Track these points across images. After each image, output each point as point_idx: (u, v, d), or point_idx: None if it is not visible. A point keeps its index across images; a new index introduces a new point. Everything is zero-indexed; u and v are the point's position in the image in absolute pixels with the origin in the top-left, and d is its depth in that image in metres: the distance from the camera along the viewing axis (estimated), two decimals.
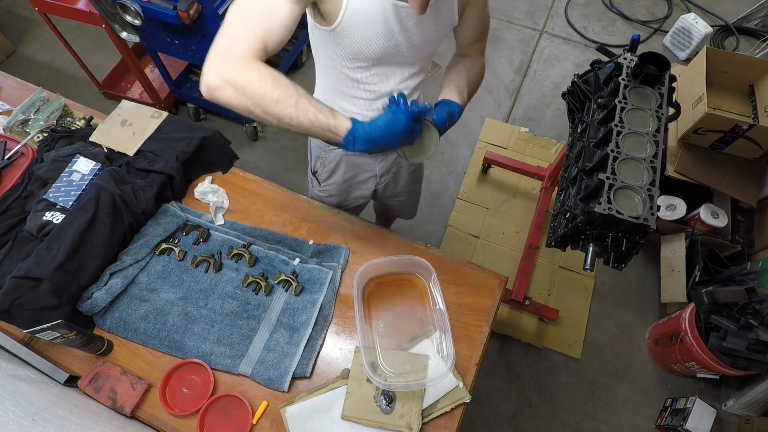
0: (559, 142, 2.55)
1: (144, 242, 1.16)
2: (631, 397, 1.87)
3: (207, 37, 1.91)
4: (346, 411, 0.98)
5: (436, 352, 1.05)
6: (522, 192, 2.36)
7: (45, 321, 0.88)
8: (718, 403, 1.82)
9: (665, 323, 1.88)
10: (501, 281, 1.18)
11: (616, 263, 1.21)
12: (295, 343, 1.07)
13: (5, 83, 1.52)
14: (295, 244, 1.23)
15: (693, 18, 2.79)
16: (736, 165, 1.92)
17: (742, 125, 1.74)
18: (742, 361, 1.59)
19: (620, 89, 1.28)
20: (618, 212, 1.05)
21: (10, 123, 1.38)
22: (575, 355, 1.95)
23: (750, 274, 1.79)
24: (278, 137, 2.54)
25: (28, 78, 1.57)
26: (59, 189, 1.17)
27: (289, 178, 2.39)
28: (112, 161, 1.28)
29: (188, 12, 1.71)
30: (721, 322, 1.61)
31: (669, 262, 1.99)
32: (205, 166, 1.35)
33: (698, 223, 1.94)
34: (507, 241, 2.22)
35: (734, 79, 2.02)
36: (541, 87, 2.76)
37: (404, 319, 1.11)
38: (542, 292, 2.08)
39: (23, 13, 3.04)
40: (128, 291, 1.12)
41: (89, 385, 1.00)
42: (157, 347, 1.07)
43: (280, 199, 1.31)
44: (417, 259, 1.09)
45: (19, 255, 1.09)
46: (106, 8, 1.85)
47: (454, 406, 1.01)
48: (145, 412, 1.01)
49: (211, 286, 1.15)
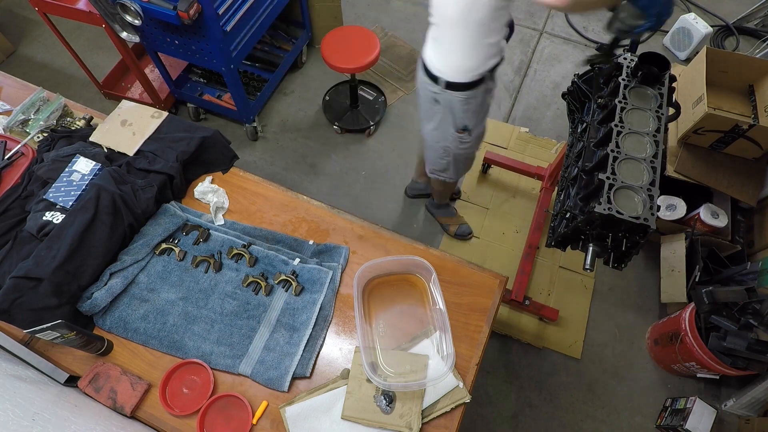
0: (559, 142, 2.55)
1: (144, 242, 1.16)
2: (631, 397, 1.87)
3: (207, 37, 1.91)
4: (346, 411, 0.98)
5: (436, 352, 1.05)
6: (522, 192, 2.36)
7: (45, 321, 0.88)
8: (718, 403, 1.82)
9: (665, 323, 1.88)
10: (501, 281, 1.18)
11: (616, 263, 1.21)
12: (295, 343, 1.07)
13: (5, 83, 1.52)
14: (295, 244, 1.23)
15: (693, 18, 2.79)
16: (736, 165, 1.92)
17: (742, 125, 1.74)
18: (742, 361, 1.59)
19: (620, 89, 1.28)
20: (618, 212, 1.05)
21: (10, 123, 1.38)
22: (575, 355, 1.95)
23: (750, 274, 1.79)
24: (278, 137, 2.54)
25: (28, 78, 1.57)
26: (59, 189, 1.17)
27: (289, 178, 2.39)
28: (112, 161, 1.28)
29: (188, 12, 1.71)
30: (721, 322, 1.61)
31: (669, 262, 1.99)
32: (205, 166, 1.35)
33: (698, 223, 1.94)
34: (507, 241, 2.21)
35: (734, 79, 2.02)
36: (541, 87, 2.76)
37: (404, 319, 1.11)
38: (542, 292, 2.08)
39: (23, 13, 3.05)
40: (128, 291, 1.12)
41: (89, 385, 1.01)
42: (157, 347, 1.07)
43: (280, 199, 1.31)
44: (417, 259, 1.09)
45: (19, 255, 1.09)
46: (106, 8, 1.85)
47: (454, 406, 1.01)
48: (145, 412, 1.01)
49: (211, 286, 1.15)
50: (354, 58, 2.13)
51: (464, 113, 1.39)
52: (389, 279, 1.16)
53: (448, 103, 1.37)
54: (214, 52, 1.98)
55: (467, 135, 1.48)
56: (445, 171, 1.71)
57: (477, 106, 1.39)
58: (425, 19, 1.30)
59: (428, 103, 1.44)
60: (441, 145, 1.56)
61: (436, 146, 1.59)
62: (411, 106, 2.66)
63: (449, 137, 1.50)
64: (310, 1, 2.59)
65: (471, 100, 1.36)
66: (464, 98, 1.34)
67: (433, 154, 1.65)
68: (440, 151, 1.60)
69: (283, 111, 2.64)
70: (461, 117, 1.41)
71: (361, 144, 2.52)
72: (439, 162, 1.67)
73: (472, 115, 1.41)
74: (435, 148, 1.60)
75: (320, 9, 2.65)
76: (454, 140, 1.51)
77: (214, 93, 2.51)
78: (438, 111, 1.43)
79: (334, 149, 2.50)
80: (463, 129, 1.45)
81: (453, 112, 1.40)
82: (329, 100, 2.62)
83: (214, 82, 2.55)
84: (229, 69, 2.06)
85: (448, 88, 1.32)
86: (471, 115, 1.41)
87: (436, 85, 1.34)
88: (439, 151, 1.60)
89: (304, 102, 2.68)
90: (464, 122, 1.42)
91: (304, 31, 2.69)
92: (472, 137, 1.51)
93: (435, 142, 1.57)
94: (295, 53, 2.63)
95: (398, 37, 2.94)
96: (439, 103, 1.39)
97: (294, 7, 2.57)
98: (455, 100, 1.35)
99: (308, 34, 2.73)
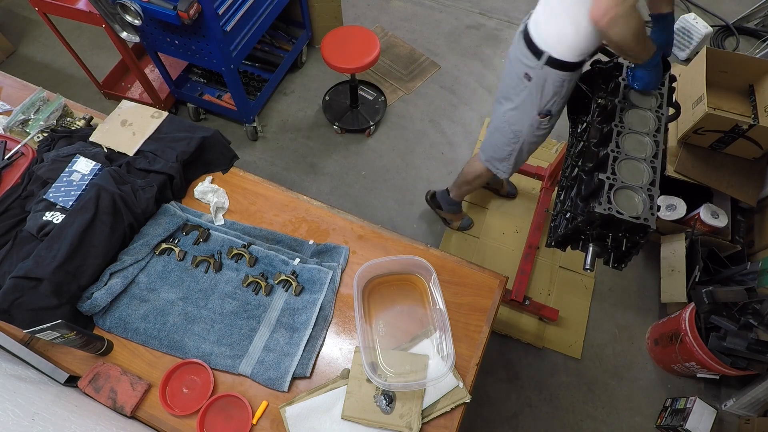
0: (559, 142, 2.55)
1: (144, 242, 1.16)
2: (631, 397, 1.87)
3: (207, 37, 1.91)
4: (346, 411, 0.98)
5: (436, 352, 1.05)
6: (522, 192, 2.36)
7: (45, 321, 0.88)
8: (718, 403, 1.82)
9: (665, 323, 1.88)
10: (501, 281, 1.18)
11: (616, 263, 1.21)
12: (295, 343, 1.07)
13: (5, 83, 1.52)
14: (295, 244, 1.23)
15: (693, 18, 2.79)
16: (736, 165, 1.92)
17: (742, 125, 1.74)
18: (742, 361, 1.59)
19: (620, 89, 1.28)
20: (618, 212, 1.05)
21: (10, 123, 1.38)
22: (575, 355, 1.95)
23: (750, 274, 1.79)
24: (278, 137, 2.54)
25: (28, 78, 1.57)
26: (59, 189, 1.17)
27: (289, 178, 2.39)
28: (112, 161, 1.28)
29: (188, 12, 1.71)
30: (721, 322, 1.61)
31: (669, 262, 1.99)
32: (205, 166, 1.35)
33: (698, 223, 1.94)
34: (507, 241, 2.22)
35: (734, 79, 2.02)
36: None
37: (404, 319, 1.11)
38: (542, 292, 2.08)
39: (23, 13, 3.05)
40: (128, 291, 1.12)
41: (89, 385, 1.01)
42: (157, 347, 1.07)
43: (280, 199, 1.31)
44: (417, 259, 1.09)
45: (19, 255, 1.09)
46: (106, 8, 1.85)
47: (454, 406, 1.01)
48: (145, 412, 1.01)
49: (211, 286, 1.15)
50: (354, 58, 2.13)
51: (553, 95, 1.35)
52: (389, 279, 1.16)
53: (542, 81, 1.32)
54: (214, 52, 1.98)
55: (547, 121, 1.43)
56: (504, 161, 1.63)
57: (567, 92, 1.36)
58: (425, 19, 1.30)
59: (517, 79, 1.38)
60: (514, 129, 1.49)
61: (507, 130, 1.51)
62: (411, 105, 2.66)
63: (527, 120, 1.44)
64: (310, 1, 2.59)
65: (565, 84, 1.32)
66: (561, 79, 1.30)
67: (500, 140, 1.56)
68: (510, 136, 1.52)
69: (283, 111, 2.64)
70: (549, 99, 1.36)
71: (361, 144, 2.52)
72: (503, 149, 1.59)
73: (560, 100, 1.37)
74: (505, 132, 1.52)
75: (320, 9, 2.65)
76: (531, 124, 1.45)
77: (214, 93, 2.51)
78: (525, 89, 1.37)
79: (334, 149, 2.50)
80: (546, 113, 1.40)
81: (543, 91, 1.34)
82: (329, 100, 2.62)
83: (214, 82, 2.55)
84: (229, 69, 2.06)
85: (548, 64, 1.27)
86: (559, 99, 1.37)
87: (537, 60, 1.28)
88: (509, 136, 1.52)
89: (304, 102, 2.68)
90: (549, 106, 1.38)
91: (304, 31, 2.69)
92: (549, 125, 1.46)
93: (508, 125, 1.50)
94: (295, 53, 2.63)
95: (398, 37, 2.94)
96: (531, 80, 1.34)
97: (294, 7, 2.57)
98: (552, 78, 1.30)
99: (308, 34, 2.73)
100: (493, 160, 1.67)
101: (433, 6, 3.09)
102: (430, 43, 2.91)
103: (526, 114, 1.43)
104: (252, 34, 2.15)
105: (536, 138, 1.52)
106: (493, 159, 1.67)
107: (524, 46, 1.31)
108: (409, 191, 2.35)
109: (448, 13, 3.06)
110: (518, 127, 1.48)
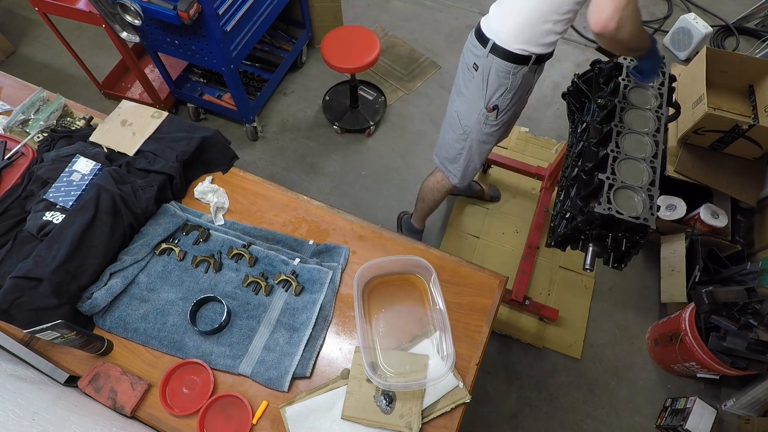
0: (559, 142, 2.55)
1: (144, 242, 1.16)
2: (631, 397, 1.87)
3: (207, 37, 1.91)
4: (346, 411, 0.98)
5: (436, 352, 1.05)
6: (522, 192, 2.36)
7: (45, 321, 0.88)
8: (718, 403, 1.82)
9: (665, 323, 1.88)
10: (501, 281, 1.18)
11: (616, 263, 1.21)
12: (295, 343, 1.07)
13: (5, 83, 1.52)
14: (295, 244, 1.23)
15: (693, 18, 2.79)
16: (736, 165, 1.92)
17: (742, 125, 1.74)
18: (742, 361, 1.59)
19: (620, 89, 1.28)
20: (618, 212, 1.05)
21: (10, 123, 1.38)
22: (575, 355, 1.95)
23: (750, 274, 1.79)
24: (278, 137, 2.54)
25: (28, 78, 1.57)
26: (59, 189, 1.17)
27: (289, 178, 2.39)
28: (112, 161, 1.28)
29: (188, 12, 1.71)
30: (721, 322, 1.61)
31: (669, 262, 1.99)
32: (205, 166, 1.35)
33: (698, 223, 1.94)
34: (507, 241, 2.22)
35: (734, 79, 2.02)
36: (541, 87, 2.76)
37: (404, 319, 1.11)
38: (542, 292, 2.08)
39: (23, 13, 3.05)
40: (128, 291, 1.12)
41: (89, 385, 1.01)
42: (157, 347, 1.07)
43: (280, 199, 1.31)
44: (417, 259, 1.09)
45: (19, 255, 1.09)
46: (106, 8, 1.85)
47: (454, 406, 1.01)
48: (145, 412, 1.01)
49: (211, 286, 1.15)
50: (354, 58, 2.13)
51: (498, 87, 1.36)
52: (389, 279, 1.16)
53: (487, 71, 1.34)
54: (214, 52, 1.98)
55: (495, 117, 1.44)
56: (455, 162, 1.64)
57: (513, 87, 1.36)
58: (425, 19, 1.30)
59: (466, 71, 1.40)
60: (463, 124, 1.51)
61: (457, 125, 1.53)
62: (411, 105, 2.66)
63: (475, 114, 1.45)
64: (310, 1, 2.60)
65: (510, 77, 1.33)
66: (504, 70, 1.31)
67: (451, 136, 1.58)
68: (459, 132, 1.53)
69: (283, 111, 2.64)
70: (494, 90, 1.37)
71: (361, 144, 2.52)
72: (453, 147, 1.59)
73: (506, 94, 1.38)
74: (455, 127, 1.54)
75: (320, 9, 2.65)
76: (478, 119, 1.46)
77: (214, 93, 2.51)
78: (473, 79, 1.39)
79: (334, 149, 2.50)
80: (493, 107, 1.41)
81: (488, 81, 1.36)
82: (329, 100, 2.62)
83: (214, 82, 2.55)
84: (229, 69, 2.06)
85: (493, 52, 1.30)
86: (505, 93, 1.37)
87: (482, 48, 1.31)
88: (459, 132, 1.53)
89: (304, 102, 2.68)
90: (496, 100, 1.39)
91: (304, 31, 2.69)
92: (497, 121, 1.46)
93: (458, 120, 1.51)
94: (295, 53, 2.63)
95: (398, 37, 2.94)
96: (477, 70, 1.36)
97: (294, 7, 2.58)
98: (495, 67, 1.31)
99: (308, 34, 2.73)
100: (445, 161, 1.68)
101: (433, 6, 3.10)
102: (430, 43, 2.91)
103: (474, 107, 1.44)
104: (252, 34, 2.15)
105: (485, 136, 1.52)
106: (446, 160, 1.67)
107: (474, 36, 1.35)
108: (409, 191, 2.35)
109: (448, 13, 3.06)
110: (467, 121, 1.49)
